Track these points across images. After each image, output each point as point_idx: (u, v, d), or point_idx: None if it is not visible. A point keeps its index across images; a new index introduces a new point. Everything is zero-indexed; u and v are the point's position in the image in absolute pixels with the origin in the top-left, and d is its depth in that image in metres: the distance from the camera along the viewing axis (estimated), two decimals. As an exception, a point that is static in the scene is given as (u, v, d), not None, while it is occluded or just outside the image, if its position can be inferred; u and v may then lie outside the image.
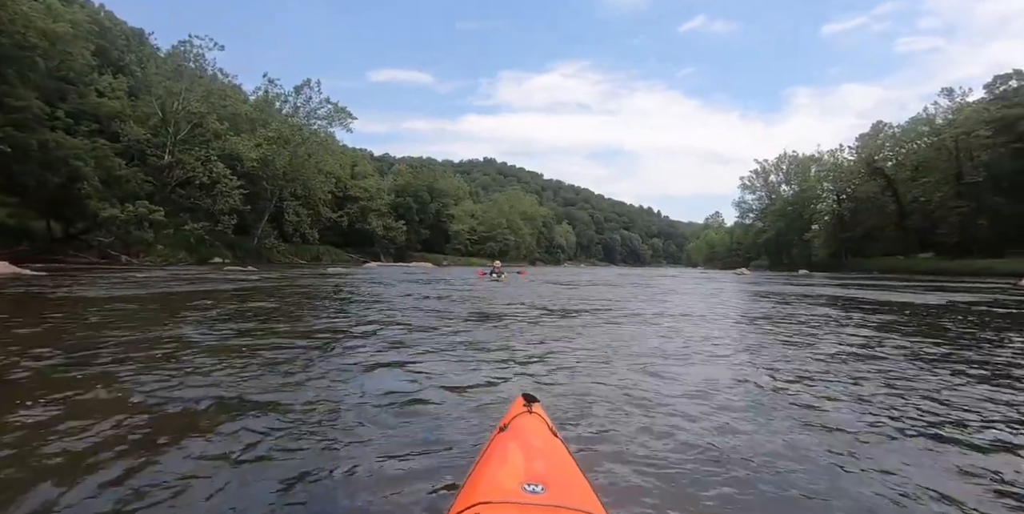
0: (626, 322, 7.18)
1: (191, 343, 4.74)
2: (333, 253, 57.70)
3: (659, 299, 11.98)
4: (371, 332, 5.72)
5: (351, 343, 5.02)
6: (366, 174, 66.61)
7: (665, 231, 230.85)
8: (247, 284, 13.41)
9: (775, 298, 12.60)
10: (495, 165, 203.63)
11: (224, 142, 34.03)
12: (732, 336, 6.15)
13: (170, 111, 33.30)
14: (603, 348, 4.99)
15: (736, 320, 7.88)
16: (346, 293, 11.68)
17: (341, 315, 7.33)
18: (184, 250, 34.84)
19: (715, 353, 4.95)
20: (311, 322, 6.54)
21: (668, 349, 5.03)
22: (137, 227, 27.40)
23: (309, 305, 8.88)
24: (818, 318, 8.05)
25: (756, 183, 75.05)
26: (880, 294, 14.24)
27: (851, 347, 5.31)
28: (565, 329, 6.34)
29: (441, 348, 4.79)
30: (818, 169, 64.13)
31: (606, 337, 5.71)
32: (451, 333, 5.76)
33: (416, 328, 6.05)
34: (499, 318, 7.35)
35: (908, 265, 47.15)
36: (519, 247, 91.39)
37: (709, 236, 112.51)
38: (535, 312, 8.21)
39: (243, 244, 41.66)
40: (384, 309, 8.19)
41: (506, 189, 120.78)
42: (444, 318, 7.13)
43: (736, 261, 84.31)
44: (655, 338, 5.76)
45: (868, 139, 56.42)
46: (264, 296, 10.11)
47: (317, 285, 14.01)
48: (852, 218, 56.32)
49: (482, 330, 6.15)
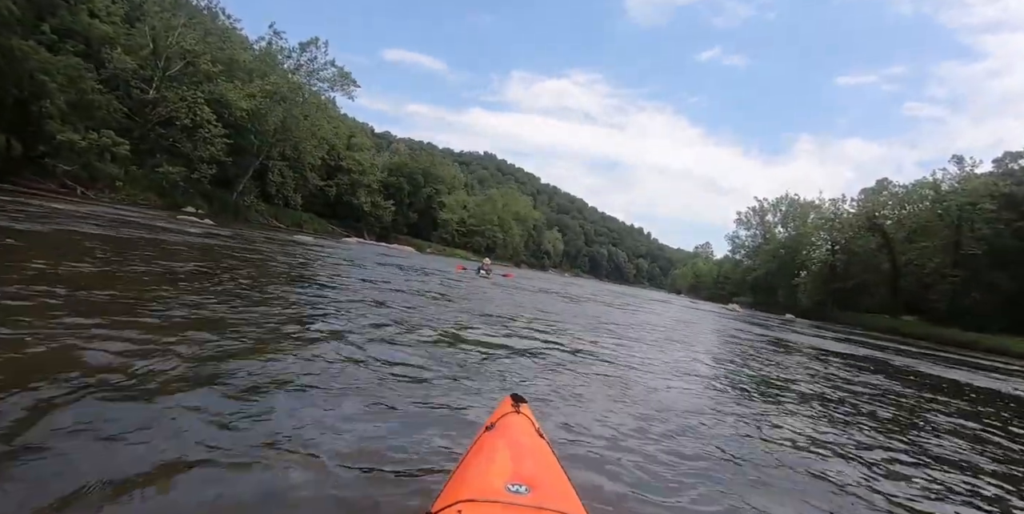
0: (642, 378, 5.49)
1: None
2: (316, 222, 55.44)
3: (677, 340, 10.31)
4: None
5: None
6: (362, 147, 64.36)
7: (652, 253, 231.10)
8: (191, 239, 11.45)
9: (798, 353, 11.01)
10: (495, 161, 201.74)
11: (215, 86, 31.72)
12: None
13: (163, 45, 30.94)
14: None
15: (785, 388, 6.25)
16: (302, 270, 9.71)
17: (269, 303, 5.51)
18: (155, 193, 32.58)
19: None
20: (235, 305, 4.74)
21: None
22: (98, 158, 25.03)
23: (245, 278, 7.01)
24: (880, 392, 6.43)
25: (752, 220, 74.39)
26: (910, 361, 12.79)
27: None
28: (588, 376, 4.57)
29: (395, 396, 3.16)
30: (817, 216, 63.45)
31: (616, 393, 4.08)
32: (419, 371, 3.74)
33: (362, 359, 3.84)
34: (491, 344, 5.57)
35: (893, 326, 46.41)
36: (507, 246, 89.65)
37: (697, 265, 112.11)
38: (542, 340, 6.28)
39: (222, 197, 39.36)
40: (335, 303, 6.17)
41: (503, 186, 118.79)
42: (413, 332, 5.17)
43: (720, 294, 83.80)
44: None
45: (871, 194, 55.79)
46: (192, 257, 8.24)
47: (275, 254, 11.98)
48: (844, 270, 55.58)
49: (469, 366, 4.16)
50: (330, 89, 43.49)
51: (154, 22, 31.07)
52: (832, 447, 3.32)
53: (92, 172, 27.50)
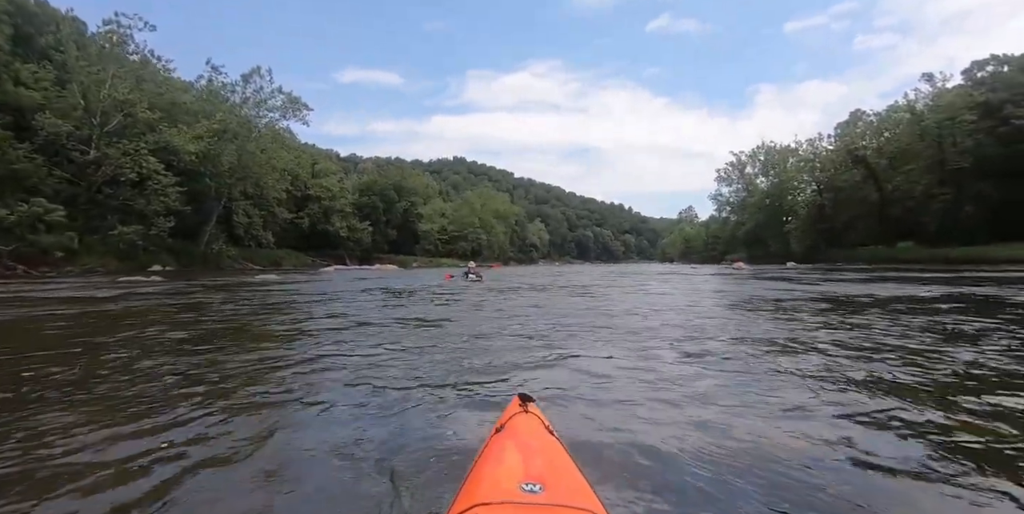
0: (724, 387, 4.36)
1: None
2: (293, 257, 53.82)
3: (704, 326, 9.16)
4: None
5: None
6: (328, 172, 62.78)
7: (637, 227, 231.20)
8: (110, 305, 9.86)
9: (859, 308, 9.92)
10: (465, 164, 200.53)
11: (159, 135, 30.08)
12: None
13: (94, 100, 29.26)
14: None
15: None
16: (244, 323, 7.81)
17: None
18: (114, 257, 30.93)
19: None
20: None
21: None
22: (31, 230, 23.32)
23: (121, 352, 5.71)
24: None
25: (732, 175, 73.69)
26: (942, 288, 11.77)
27: None
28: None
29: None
30: (796, 160, 62.90)
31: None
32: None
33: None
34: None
35: (890, 254, 45.85)
36: (492, 246, 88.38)
37: (684, 231, 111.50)
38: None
39: (188, 249, 37.73)
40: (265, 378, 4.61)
41: (476, 187, 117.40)
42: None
43: (712, 255, 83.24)
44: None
45: (847, 128, 55.25)
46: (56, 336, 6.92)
47: (215, 308, 9.71)
48: (832, 209, 55.02)
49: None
50: (282, 117, 41.95)
51: (81, 78, 29.35)
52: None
53: (36, 247, 25.76)
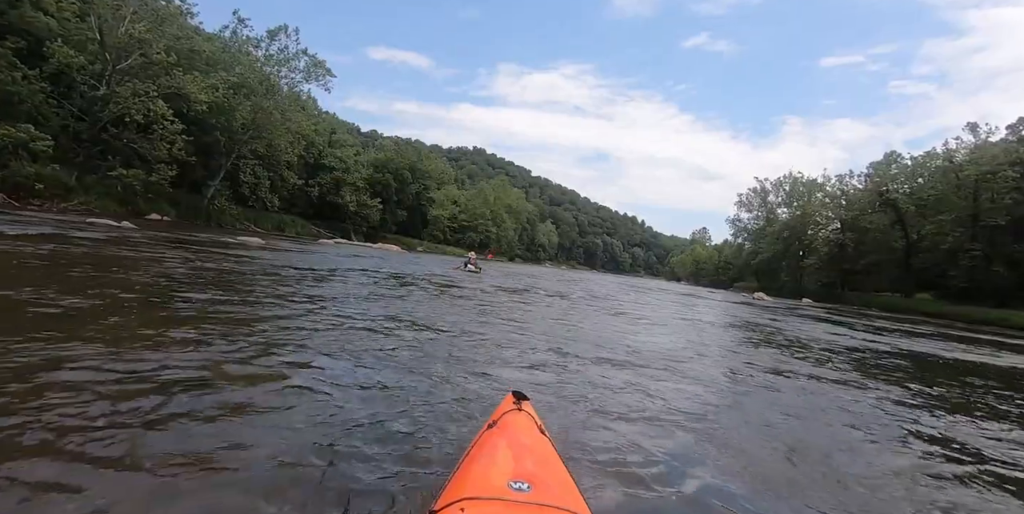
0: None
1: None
2: (298, 224, 52.59)
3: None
4: None
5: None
6: (344, 143, 61.36)
7: (646, 241, 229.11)
8: (45, 247, 8.59)
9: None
10: (484, 155, 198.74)
11: (172, 79, 28.69)
12: None
13: (111, 35, 27.91)
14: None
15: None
16: (126, 283, 6.23)
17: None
18: (113, 200, 29.67)
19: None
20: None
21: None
22: (14, 157, 21.88)
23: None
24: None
25: (754, 202, 71.85)
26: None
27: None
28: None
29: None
30: (822, 194, 61.06)
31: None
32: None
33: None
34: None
35: (908, 305, 44.17)
36: (500, 241, 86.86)
37: (696, 251, 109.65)
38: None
39: (191, 202, 36.47)
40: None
41: (493, 180, 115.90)
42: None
43: (722, 280, 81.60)
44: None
45: (879, 168, 53.40)
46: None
47: (141, 262, 8.47)
48: (854, 249, 53.24)
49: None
50: (304, 81, 40.48)
51: (100, 10, 28.00)
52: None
53: (23, 176, 24.36)
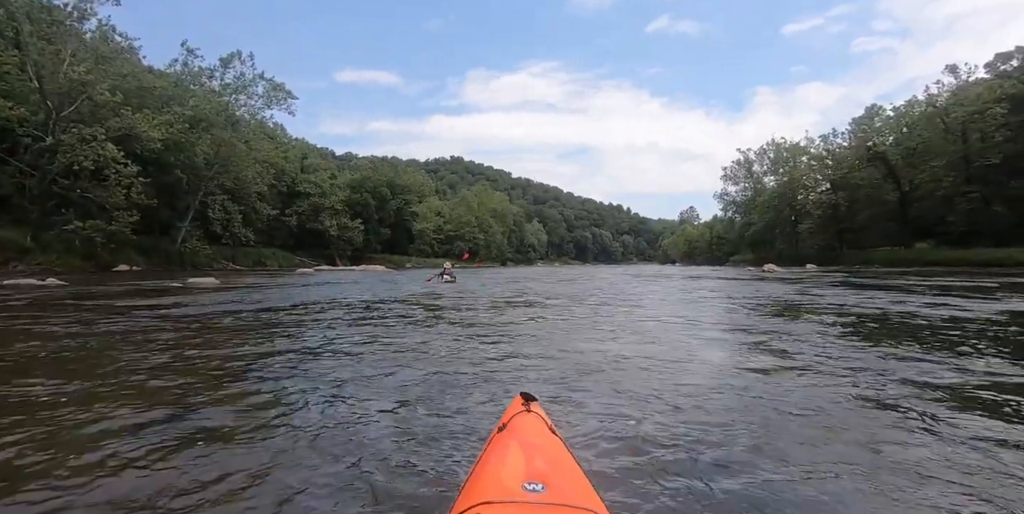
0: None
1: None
2: (279, 257, 50.91)
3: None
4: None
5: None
6: (318, 168, 59.79)
7: (635, 228, 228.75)
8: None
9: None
10: (463, 164, 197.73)
11: (122, 120, 27.05)
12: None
13: (50, 81, 26.29)
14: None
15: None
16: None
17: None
18: (75, 256, 27.98)
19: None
20: None
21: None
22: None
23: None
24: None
25: (739, 174, 70.88)
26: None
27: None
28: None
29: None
30: (808, 157, 60.16)
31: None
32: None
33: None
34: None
35: (909, 256, 43.10)
36: (490, 246, 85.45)
37: (687, 231, 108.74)
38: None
39: (161, 247, 34.73)
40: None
41: (474, 187, 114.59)
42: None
43: (717, 256, 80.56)
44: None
45: (863, 123, 52.54)
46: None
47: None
48: (847, 208, 52.28)
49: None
50: (266, 106, 38.95)
51: (35, 56, 26.35)
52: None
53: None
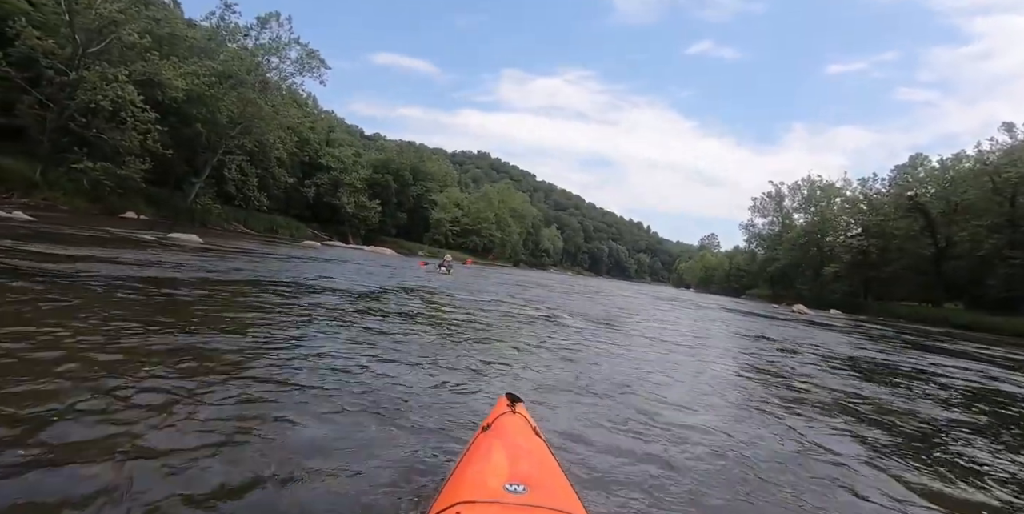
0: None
1: None
2: (293, 226, 50.18)
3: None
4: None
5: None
6: (343, 142, 58.93)
7: (652, 247, 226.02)
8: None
9: None
10: (489, 160, 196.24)
11: (147, 65, 26.18)
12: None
13: (82, 15, 25.46)
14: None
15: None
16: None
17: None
18: (83, 197, 27.19)
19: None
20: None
21: None
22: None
23: None
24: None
25: (768, 206, 68.96)
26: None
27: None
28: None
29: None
30: (842, 199, 58.18)
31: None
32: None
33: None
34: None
35: (939, 315, 41.12)
36: (504, 245, 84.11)
37: (705, 258, 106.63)
38: None
39: (171, 200, 33.85)
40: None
41: (498, 184, 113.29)
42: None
43: (734, 288, 78.61)
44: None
45: (906, 171, 50.54)
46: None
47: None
48: (879, 256, 50.27)
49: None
50: (297, 72, 37.95)
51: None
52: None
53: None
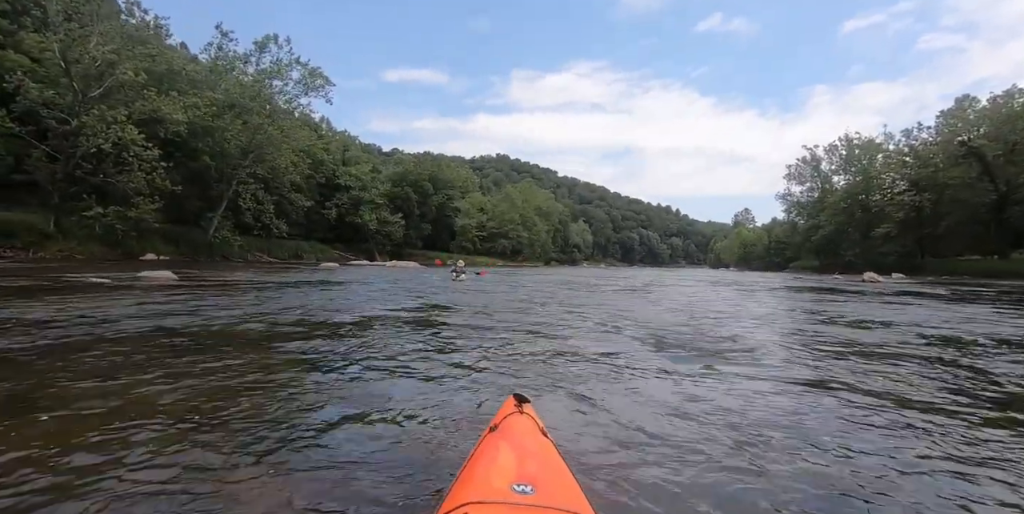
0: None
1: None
2: (318, 250, 49.72)
3: None
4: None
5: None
6: (359, 160, 58.44)
7: (684, 230, 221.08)
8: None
9: None
10: (508, 161, 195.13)
11: (147, 103, 25.70)
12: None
13: (77, 61, 25.15)
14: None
15: None
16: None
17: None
18: (99, 243, 26.89)
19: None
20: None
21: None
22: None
23: None
24: None
25: (805, 173, 65.49)
26: None
27: None
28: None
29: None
30: (885, 155, 54.63)
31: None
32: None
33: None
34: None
35: (1011, 268, 37.58)
36: (533, 245, 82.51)
37: (742, 234, 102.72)
38: None
39: (191, 237, 33.54)
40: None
41: (519, 184, 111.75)
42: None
43: (776, 262, 75.16)
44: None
45: (954, 116, 46.89)
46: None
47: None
48: (932, 211, 46.79)
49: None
50: (303, 93, 37.37)
51: (61, 35, 25.24)
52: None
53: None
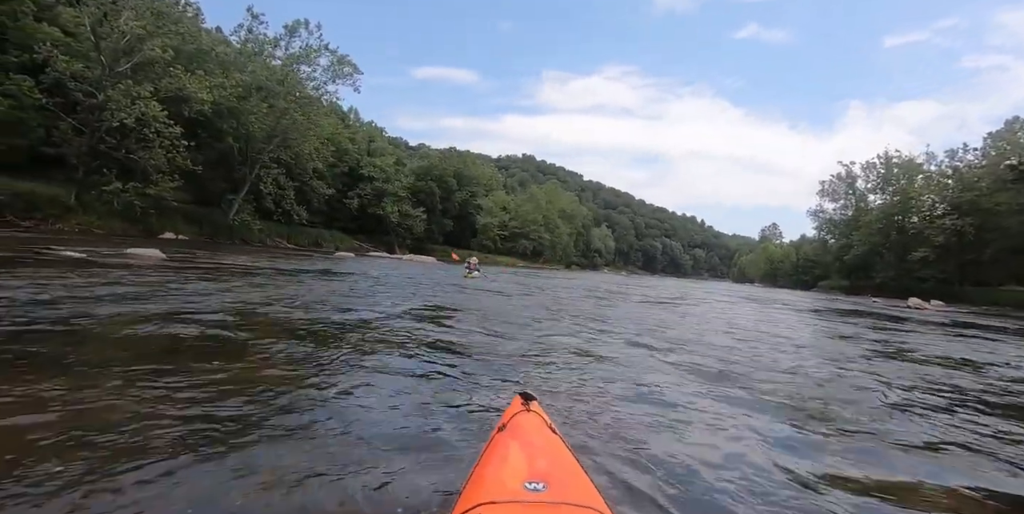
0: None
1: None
2: (338, 238, 49.50)
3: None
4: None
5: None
6: (384, 152, 58.10)
7: (708, 242, 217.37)
8: None
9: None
10: (534, 162, 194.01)
11: (173, 80, 25.43)
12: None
13: (107, 36, 24.98)
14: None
15: None
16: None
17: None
18: (120, 219, 26.75)
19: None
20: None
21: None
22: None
23: None
24: None
25: (839, 189, 63.33)
26: None
27: None
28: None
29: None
30: (927, 175, 52.39)
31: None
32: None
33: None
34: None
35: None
36: (555, 247, 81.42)
37: (768, 250, 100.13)
38: None
39: (212, 218, 33.37)
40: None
41: (544, 185, 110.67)
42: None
43: (804, 280, 72.95)
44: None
45: (1003, 138, 44.71)
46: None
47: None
48: (976, 237, 44.61)
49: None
50: (330, 80, 37.00)
51: (92, 9, 25.11)
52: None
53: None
